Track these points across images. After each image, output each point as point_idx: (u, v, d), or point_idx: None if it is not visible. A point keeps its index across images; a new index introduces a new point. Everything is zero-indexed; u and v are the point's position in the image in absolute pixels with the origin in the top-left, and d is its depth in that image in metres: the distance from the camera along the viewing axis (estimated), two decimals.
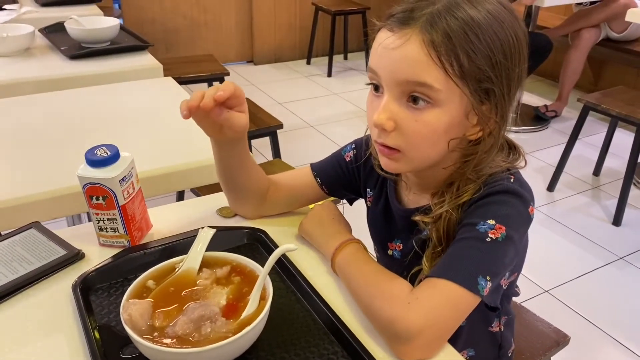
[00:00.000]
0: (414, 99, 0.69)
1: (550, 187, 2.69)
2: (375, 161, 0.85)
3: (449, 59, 0.66)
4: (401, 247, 0.87)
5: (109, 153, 0.80)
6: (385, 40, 0.70)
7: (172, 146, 1.23)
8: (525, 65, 0.73)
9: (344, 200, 1.01)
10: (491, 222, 0.70)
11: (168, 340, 0.61)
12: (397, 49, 0.68)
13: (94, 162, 0.79)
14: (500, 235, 0.69)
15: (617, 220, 2.43)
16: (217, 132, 0.80)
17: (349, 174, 0.93)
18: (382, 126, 0.71)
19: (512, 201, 0.72)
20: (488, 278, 0.68)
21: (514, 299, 1.25)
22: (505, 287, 0.82)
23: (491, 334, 0.89)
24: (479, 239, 0.69)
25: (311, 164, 0.96)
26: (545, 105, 3.47)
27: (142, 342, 0.59)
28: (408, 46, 0.67)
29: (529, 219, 0.74)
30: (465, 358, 0.87)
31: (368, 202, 0.93)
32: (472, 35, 0.66)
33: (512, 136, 0.77)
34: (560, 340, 1.15)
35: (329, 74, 4.26)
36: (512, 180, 0.75)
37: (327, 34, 4.26)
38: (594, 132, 3.28)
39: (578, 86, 3.61)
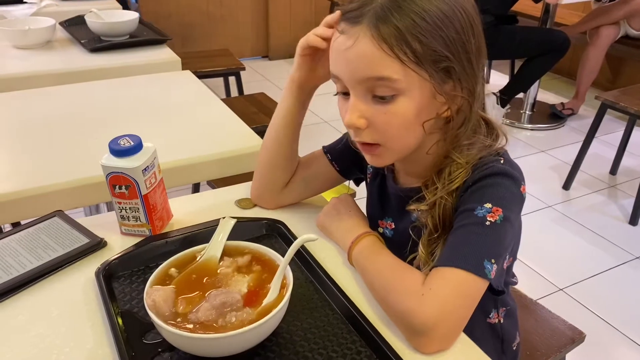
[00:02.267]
0: (379, 94, 0.70)
1: (566, 186, 2.67)
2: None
3: (401, 48, 0.67)
4: (393, 226, 0.88)
5: (132, 143, 0.82)
6: (337, 42, 0.72)
7: (191, 138, 1.25)
8: (480, 37, 0.73)
9: (356, 190, 1.02)
10: (488, 205, 0.71)
11: (190, 326, 0.62)
12: (349, 49, 0.69)
13: (118, 151, 0.81)
14: (498, 217, 0.70)
15: (633, 220, 2.40)
16: (311, 73, 0.86)
17: (354, 149, 0.94)
18: (354, 126, 0.73)
19: (504, 182, 0.73)
20: (493, 261, 0.69)
21: (526, 292, 1.26)
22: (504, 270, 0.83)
23: (490, 326, 0.89)
24: (479, 224, 0.70)
25: (323, 146, 0.98)
26: (562, 103, 3.44)
27: (165, 328, 0.60)
28: (359, 44, 0.68)
29: (522, 198, 0.76)
30: None
31: (368, 178, 0.94)
32: (420, 20, 0.67)
33: (527, 133, 0.77)
34: (576, 337, 1.15)
35: None
36: (501, 162, 0.76)
37: None
38: (611, 130, 3.25)
39: (595, 84, 3.57)
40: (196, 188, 2.13)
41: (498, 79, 4.01)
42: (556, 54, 3.04)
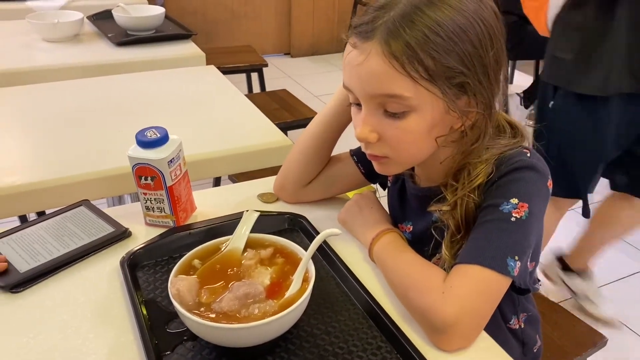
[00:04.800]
0: (390, 109, 0.69)
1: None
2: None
3: (413, 66, 0.65)
4: (411, 229, 0.87)
5: (158, 135, 0.83)
6: (349, 56, 0.70)
7: (215, 132, 1.26)
8: (501, 44, 0.70)
9: (380, 190, 1.02)
10: (514, 201, 0.69)
11: (213, 316, 0.63)
12: (361, 65, 0.67)
13: (145, 143, 0.82)
14: (524, 213, 0.69)
15: None
16: None
17: None
18: (365, 140, 0.72)
19: (532, 177, 0.72)
20: (516, 258, 0.68)
21: (548, 295, 1.25)
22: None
23: (511, 330, 0.88)
24: (504, 220, 0.69)
25: (350, 149, 0.97)
26: None
27: (189, 317, 0.61)
28: (370, 61, 0.66)
29: (548, 194, 0.74)
30: None
31: (389, 182, 0.94)
32: (433, 36, 0.64)
33: None
34: (598, 341, 1.14)
35: None
36: (528, 155, 0.74)
37: None
38: None
39: None
40: (217, 182, 2.15)
41: (522, 80, 3.96)
42: None
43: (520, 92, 3.22)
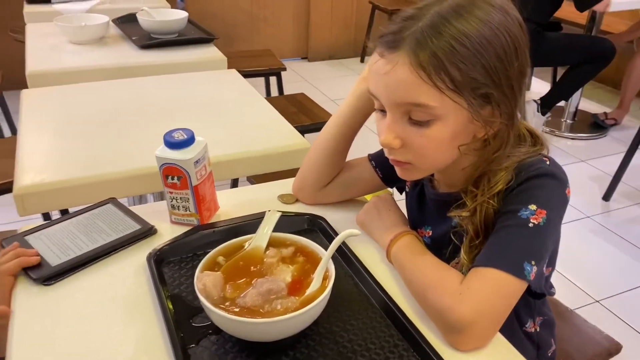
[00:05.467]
0: (415, 117, 0.71)
1: (607, 197, 2.62)
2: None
3: (439, 76, 0.67)
4: (430, 234, 0.89)
5: (185, 136, 0.86)
6: (376, 64, 0.72)
7: (236, 134, 1.29)
8: (526, 57, 0.72)
9: (397, 194, 1.04)
10: (532, 207, 0.71)
11: (238, 310, 0.66)
12: (388, 74, 0.69)
13: (172, 144, 0.85)
14: (541, 219, 0.71)
15: None
16: None
17: None
18: (389, 146, 0.74)
19: (551, 184, 0.74)
20: (533, 263, 0.69)
21: (562, 302, 1.25)
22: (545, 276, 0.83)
23: (526, 333, 0.89)
24: (522, 225, 0.71)
25: (368, 154, 1.00)
26: (605, 113, 3.37)
27: (214, 311, 0.64)
28: (397, 70, 0.68)
29: (566, 201, 0.76)
30: None
31: (407, 187, 0.96)
32: (460, 48, 0.66)
33: (568, 142, 0.77)
34: (612, 348, 1.14)
35: None
36: (547, 163, 0.76)
37: None
38: None
39: None
40: (234, 183, 2.18)
41: (540, 86, 3.95)
42: (600, 62, 2.99)
43: (537, 99, 3.22)
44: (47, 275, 0.80)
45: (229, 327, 0.66)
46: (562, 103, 3.35)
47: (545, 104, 3.18)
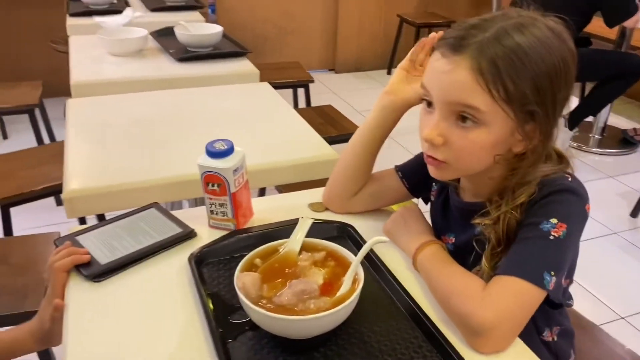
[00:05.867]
0: (463, 118, 0.75)
1: (634, 213, 2.60)
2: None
3: (495, 85, 0.72)
4: (453, 241, 0.93)
5: (226, 147, 0.92)
6: (436, 62, 0.77)
7: (268, 145, 1.35)
8: (572, 85, 0.77)
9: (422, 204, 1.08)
10: (553, 220, 0.75)
11: (273, 307, 0.71)
12: (447, 73, 0.75)
13: (213, 153, 0.92)
14: (562, 233, 0.75)
15: None
16: (404, 86, 0.95)
17: (425, 168, 1.00)
18: (432, 141, 0.78)
19: (571, 199, 0.78)
20: (552, 273, 0.73)
21: (587, 317, 1.27)
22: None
23: (544, 342, 0.92)
24: (543, 237, 0.75)
25: (395, 165, 1.05)
26: (635, 129, 3.35)
27: (253, 307, 0.70)
28: (458, 71, 0.74)
29: (586, 216, 0.80)
30: None
31: (432, 196, 1.01)
32: (518, 63, 0.72)
33: (595, 158, 0.81)
34: None
35: None
36: (569, 179, 0.80)
37: (410, 46, 4.23)
38: None
39: None
40: (262, 192, 2.25)
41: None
42: (630, 78, 2.98)
43: (565, 113, 3.21)
44: (97, 272, 0.87)
45: (265, 323, 0.71)
46: (590, 118, 3.34)
47: (573, 119, 3.18)
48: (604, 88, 3.06)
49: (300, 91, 2.98)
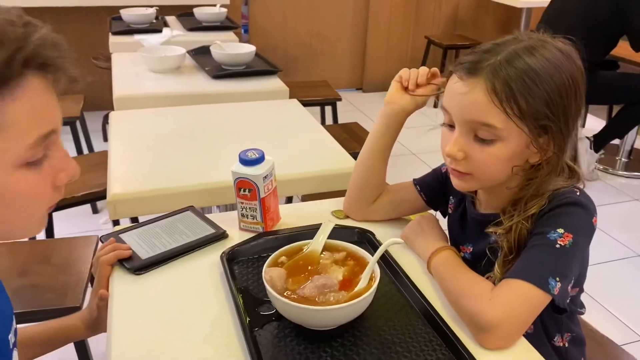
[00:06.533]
0: (480, 134, 0.83)
1: None
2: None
3: (509, 103, 0.79)
4: (471, 250, 1.00)
5: (257, 155, 1.01)
6: (454, 85, 0.85)
7: (296, 156, 1.44)
8: (582, 100, 0.84)
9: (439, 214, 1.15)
10: (560, 230, 0.81)
11: (297, 298, 0.79)
12: (465, 95, 0.82)
13: (246, 161, 1.00)
14: (568, 242, 0.81)
15: None
16: (400, 94, 1.06)
17: (442, 183, 1.08)
18: (454, 156, 0.86)
19: (579, 212, 0.84)
20: (558, 279, 0.79)
21: (608, 336, 1.30)
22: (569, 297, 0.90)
23: (555, 348, 0.97)
24: (550, 246, 0.81)
25: (413, 178, 1.12)
26: None
27: (279, 298, 0.77)
28: (474, 93, 0.81)
29: (593, 229, 0.85)
30: None
31: (450, 209, 1.07)
32: (530, 82, 0.79)
33: (622, 181, 0.87)
34: None
35: (435, 105, 4.35)
36: (577, 193, 0.86)
37: (437, 67, 4.34)
38: None
39: None
40: (289, 200, 2.33)
41: (594, 123, 3.94)
42: None
43: (591, 135, 3.23)
44: (138, 266, 0.96)
45: (288, 312, 0.79)
46: (617, 141, 3.34)
47: (599, 142, 3.19)
48: (630, 111, 3.07)
49: (328, 109, 3.07)
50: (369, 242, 1.04)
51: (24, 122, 0.56)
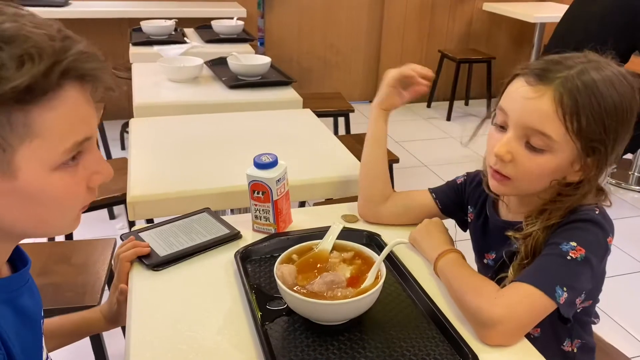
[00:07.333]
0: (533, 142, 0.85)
1: None
2: (484, 178, 1.01)
3: (571, 118, 0.82)
4: (494, 257, 1.03)
5: (270, 159, 1.06)
6: (521, 88, 0.87)
7: (309, 164, 1.48)
8: (631, 131, 0.86)
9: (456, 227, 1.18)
10: (573, 243, 0.84)
11: (306, 293, 0.83)
12: (531, 100, 0.85)
13: (260, 164, 1.05)
14: (579, 255, 0.83)
15: None
16: (395, 100, 1.17)
17: (459, 193, 1.12)
18: (501, 157, 0.88)
19: (594, 230, 0.87)
20: (565, 289, 0.82)
21: (602, 337, 1.32)
22: (578, 310, 0.93)
23: (563, 353, 0.99)
24: (561, 256, 0.84)
25: (429, 187, 1.16)
26: None
27: (289, 292, 0.82)
28: (541, 100, 0.84)
29: (607, 248, 0.88)
30: None
31: (469, 218, 1.11)
32: (595, 104, 0.82)
33: (635, 195, 0.89)
34: None
35: (448, 118, 4.40)
36: (597, 212, 0.88)
37: (450, 80, 4.41)
38: None
39: None
40: (301, 205, 2.37)
41: None
42: None
43: None
44: (157, 263, 1.01)
45: (298, 306, 0.83)
46: (629, 155, 3.34)
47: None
48: None
49: (341, 120, 3.12)
50: (376, 244, 1.08)
51: (61, 129, 0.60)
